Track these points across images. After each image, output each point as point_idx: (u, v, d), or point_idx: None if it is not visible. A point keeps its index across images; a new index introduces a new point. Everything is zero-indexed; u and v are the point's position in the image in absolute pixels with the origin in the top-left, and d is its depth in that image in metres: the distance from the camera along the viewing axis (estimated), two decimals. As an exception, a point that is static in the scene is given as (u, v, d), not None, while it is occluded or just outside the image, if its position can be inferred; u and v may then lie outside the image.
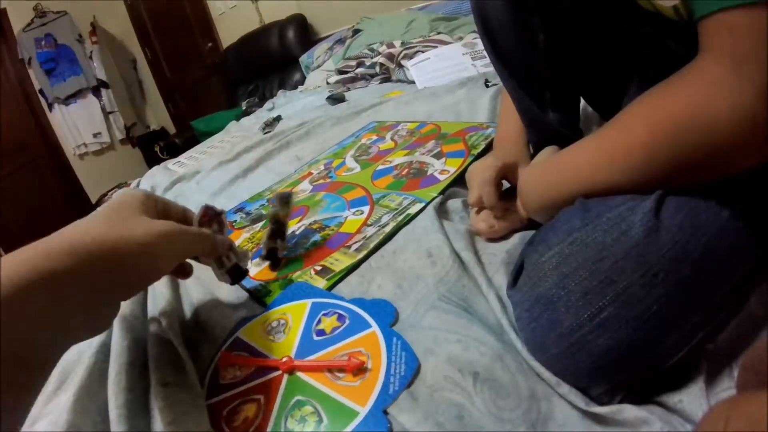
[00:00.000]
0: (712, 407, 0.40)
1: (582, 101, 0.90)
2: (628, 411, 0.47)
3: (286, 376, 0.61)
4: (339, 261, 0.82)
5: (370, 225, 0.90)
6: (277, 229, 0.86)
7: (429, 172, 1.02)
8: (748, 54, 0.44)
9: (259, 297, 0.80)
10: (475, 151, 1.05)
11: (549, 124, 0.81)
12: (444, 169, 1.01)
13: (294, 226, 1.00)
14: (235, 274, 0.77)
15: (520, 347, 0.56)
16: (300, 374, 0.61)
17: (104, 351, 0.77)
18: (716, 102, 0.46)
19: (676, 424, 0.46)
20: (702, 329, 0.50)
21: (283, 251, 0.87)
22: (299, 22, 3.65)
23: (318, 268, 0.82)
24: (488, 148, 1.06)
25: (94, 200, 4.56)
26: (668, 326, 0.48)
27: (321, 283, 0.78)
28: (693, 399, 0.48)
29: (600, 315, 0.48)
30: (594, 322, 0.48)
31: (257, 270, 0.88)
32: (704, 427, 0.40)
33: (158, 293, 0.89)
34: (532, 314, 0.54)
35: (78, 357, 0.79)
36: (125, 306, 0.86)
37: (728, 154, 0.47)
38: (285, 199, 0.88)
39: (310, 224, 0.98)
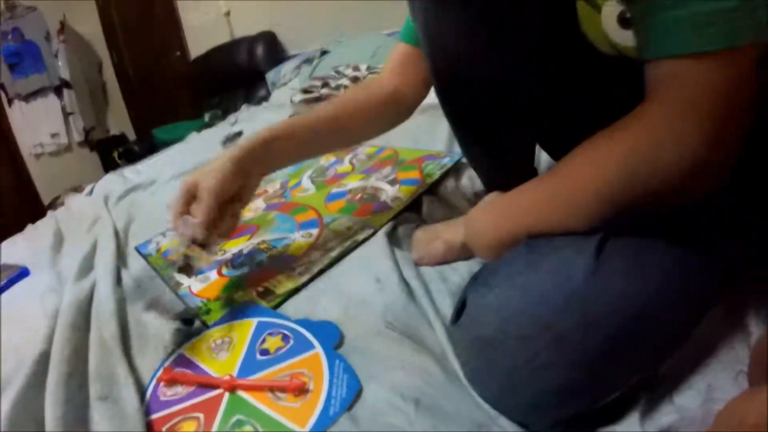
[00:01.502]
0: (726, 404, 0.41)
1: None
2: None
3: (227, 395, 0.62)
4: (282, 283, 0.83)
5: (317, 249, 0.91)
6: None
7: (382, 198, 1.04)
8: (693, 103, 0.46)
9: (199, 315, 0.80)
10: (429, 180, 1.08)
11: (502, 168, 0.84)
12: (397, 197, 1.04)
13: (242, 245, 1.00)
14: (186, 265, 0.79)
15: (462, 377, 0.58)
16: (241, 393, 0.61)
17: (44, 361, 0.76)
18: (661, 149, 0.48)
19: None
20: (641, 370, 0.51)
21: (202, 263, 0.81)
22: (269, 39, 3.66)
23: (260, 289, 0.83)
24: (443, 177, 1.09)
25: (46, 202, 4.42)
26: (604, 371, 0.49)
27: (262, 305, 0.79)
28: (628, 428, 0.49)
29: (536, 360, 0.49)
30: (530, 366, 0.49)
31: (201, 287, 0.88)
32: (719, 424, 0.41)
33: (102, 303, 0.88)
34: (471, 353, 0.55)
35: (17, 365, 0.77)
36: (67, 315, 0.85)
37: (672, 197, 0.50)
38: None
39: (258, 244, 0.99)
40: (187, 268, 0.80)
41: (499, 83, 0.72)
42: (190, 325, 0.74)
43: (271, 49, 3.63)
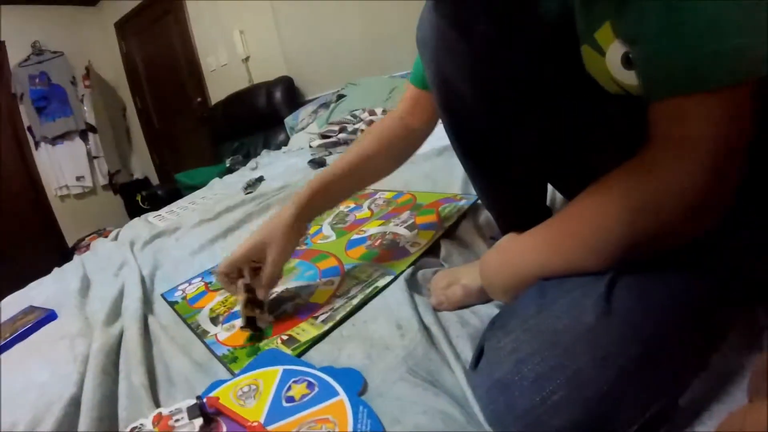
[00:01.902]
0: (728, 415, 0.42)
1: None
2: None
3: (254, 442, 0.63)
4: (305, 331, 0.85)
5: (339, 296, 0.93)
6: (254, 297, 0.87)
7: (401, 244, 1.07)
8: (695, 140, 0.47)
9: (225, 363, 0.82)
10: (447, 224, 1.10)
11: (518, 208, 0.86)
12: (415, 242, 1.06)
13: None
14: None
15: (482, 420, 0.59)
16: (268, 440, 0.63)
17: (75, 404, 0.78)
18: (665, 186, 0.50)
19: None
20: (656, 402, 0.51)
21: (264, 323, 0.88)
22: (287, 84, 3.75)
23: (285, 337, 0.85)
24: (460, 219, 1.12)
25: (71, 244, 4.50)
26: (620, 404, 0.50)
27: (287, 353, 0.80)
28: None
29: (551, 398, 0.50)
30: (546, 404, 0.50)
31: (227, 335, 0.90)
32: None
33: (130, 349, 0.91)
34: (491, 397, 0.56)
35: (47, 408, 0.80)
36: (98, 360, 0.87)
37: (680, 233, 0.52)
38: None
39: (281, 292, 1.01)
40: (252, 326, 0.87)
41: (508, 125, 0.76)
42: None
43: (289, 94, 3.71)
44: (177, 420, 0.69)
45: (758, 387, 0.47)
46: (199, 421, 0.70)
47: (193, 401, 0.73)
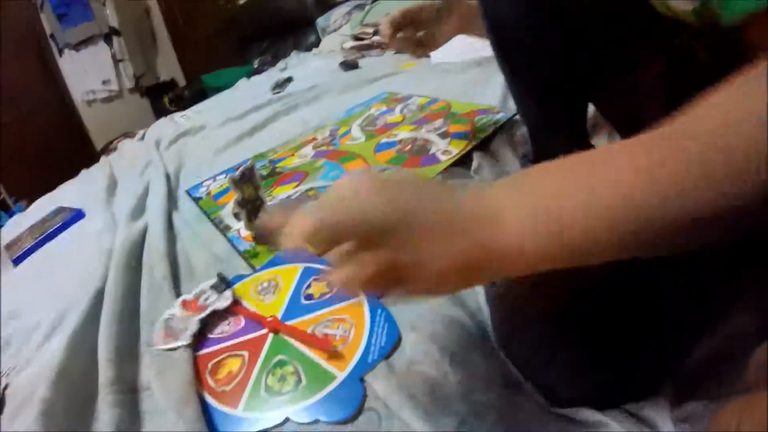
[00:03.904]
0: (724, 407, 0.41)
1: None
2: (589, 414, 0.48)
3: (271, 335, 0.63)
4: (329, 231, 0.83)
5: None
6: (253, 208, 0.85)
7: (431, 151, 1.03)
8: None
9: (247, 258, 0.82)
10: (482, 135, 1.05)
11: (555, 130, 0.80)
12: (447, 150, 1.02)
13: (290, 191, 1.01)
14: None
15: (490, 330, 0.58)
16: (285, 335, 0.63)
17: (98, 297, 0.79)
18: None
19: (635, 429, 0.47)
20: (667, 347, 0.50)
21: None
22: (320, -17, 3.60)
23: (308, 235, 0.83)
24: (495, 133, 1.06)
25: (98, 147, 4.55)
26: (631, 344, 0.48)
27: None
28: (655, 407, 0.49)
29: (566, 322, 0.49)
30: (560, 328, 0.49)
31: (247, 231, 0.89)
32: (716, 426, 0.40)
33: (153, 244, 0.91)
34: (504, 317, 0.55)
35: (74, 301, 0.81)
36: (121, 255, 0.88)
37: None
38: (242, 179, 0.83)
39: (306, 190, 1.00)
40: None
41: (556, 40, 0.70)
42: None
43: (321, -6, 3.57)
44: (206, 299, 0.70)
45: (758, 379, 0.43)
46: (229, 293, 0.71)
47: (214, 279, 0.73)
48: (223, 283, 0.73)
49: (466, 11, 0.92)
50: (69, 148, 4.52)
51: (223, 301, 0.70)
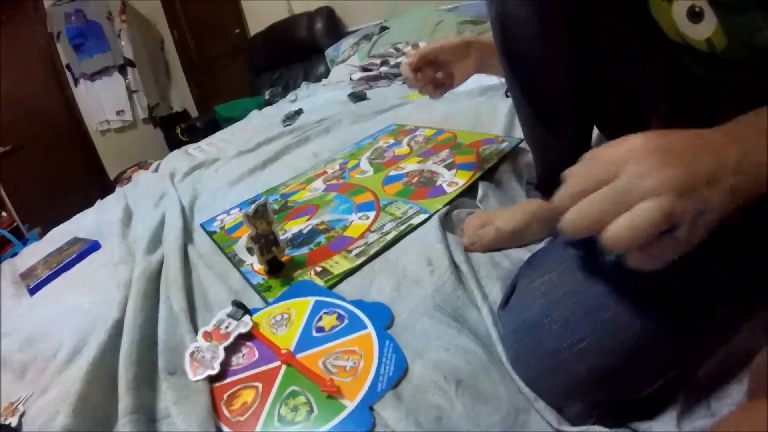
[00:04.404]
0: (725, 415, 0.42)
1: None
2: (597, 431, 0.50)
3: (284, 367, 0.66)
4: (339, 264, 0.86)
5: (373, 231, 0.93)
6: (266, 242, 0.86)
7: (438, 183, 1.06)
8: None
9: (260, 291, 0.85)
10: (487, 165, 1.08)
11: (562, 152, 0.81)
12: (453, 181, 1.04)
13: (302, 225, 1.04)
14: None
15: (505, 360, 0.60)
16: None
17: (117, 326, 0.82)
18: None
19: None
20: (676, 365, 0.51)
21: (282, 253, 0.89)
22: (328, 15, 3.66)
23: (318, 269, 0.86)
24: (500, 162, 1.09)
25: (112, 177, 4.62)
26: (642, 361, 0.49)
27: (319, 284, 0.82)
28: (663, 425, 0.50)
29: (578, 345, 0.50)
30: (572, 350, 0.50)
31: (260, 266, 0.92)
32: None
33: (171, 276, 0.94)
34: (518, 336, 0.57)
35: (91, 331, 0.84)
36: (139, 285, 0.91)
37: None
38: (256, 215, 0.84)
39: (317, 224, 1.02)
40: (276, 267, 0.89)
41: (565, 57, 0.72)
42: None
43: (329, 25, 3.64)
44: (227, 327, 0.73)
45: (758, 386, 0.45)
46: (247, 318, 0.74)
47: (229, 308, 0.76)
48: (241, 309, 0.76)
49: (484, 49, 0.95)
50: (82, 177, 4.60)
51: (244, 326, 0.73)
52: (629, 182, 0.39)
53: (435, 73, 0.97)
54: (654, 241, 0.38)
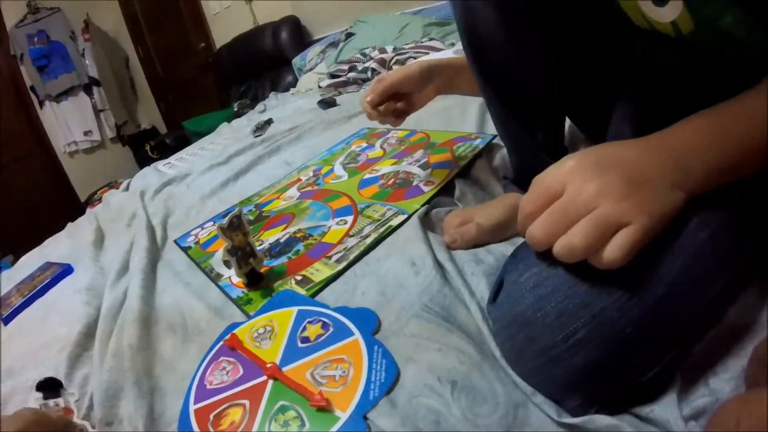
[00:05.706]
0: (722, 404, 0.41)
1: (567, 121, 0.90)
2: (600, 420, 0.49)
3: (271, 382, 0.64)
4: (319, 271, 0.84)
5: (352, 236, 0.92)
6: (243, 254, 0.84)
7: (414, 183, 1.04)
8: None
9: (240, 305, 0.83)
10: (462, 162, 1.07)
11: (536, 146, 0.82)
12: (429, 180, 1.03)
13: (279, 234, 1.02)
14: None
15: (498, 356, 0.58)
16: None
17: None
18: None
19: (646, 430, 0.48)
20: (675, 348, 0.51)
21: (261, 264, 0.87)
22: (293, 24, 3.64)
23: (299, 277, 0.84)
24: (475, 159, 1.09)
25: (83, 198, 4.54)
26: (640, 347, 0.49)
27: (301, 293, 0.80)
28: (665, 408, 0.49)
29: (574, 336, 0.49)
30: (568, 342, 0.49)
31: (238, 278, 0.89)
32: (715, 425, 0.40)
33: (128, 308, 0.91)
34: (510, 332, 0.55)
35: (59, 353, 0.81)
36: (103, 323, 0.88)
37: None
38: (231, 227, 0.81)
39: (294, 232, 1.00)
40: (254, 278, 0.87)
41: (530, 51, 0.73)
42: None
43: (295, 34, 3.62)
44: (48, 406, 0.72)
45: (757, 376, 0.45)
46: (60, 399, 0.73)
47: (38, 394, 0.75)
48: (47, 389, 0.75)
49: (448, 72, 0.96)
50: (53, 201, 4.52)
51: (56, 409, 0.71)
52: (570, 197, 0.46)
53: (396, 105, 0.96)
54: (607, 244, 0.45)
